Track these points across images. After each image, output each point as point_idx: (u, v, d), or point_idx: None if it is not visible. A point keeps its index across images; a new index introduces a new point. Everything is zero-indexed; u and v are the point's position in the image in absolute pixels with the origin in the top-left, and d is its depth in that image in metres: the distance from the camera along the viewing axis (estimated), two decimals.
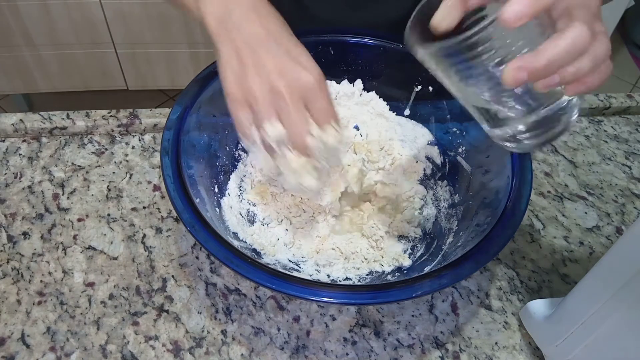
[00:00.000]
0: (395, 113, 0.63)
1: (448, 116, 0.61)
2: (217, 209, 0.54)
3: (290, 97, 0.41)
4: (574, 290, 0.44)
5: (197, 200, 0.47)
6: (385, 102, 0.63)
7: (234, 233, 0.53)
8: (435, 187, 0.60)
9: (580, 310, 0.43)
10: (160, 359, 0.48)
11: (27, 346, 0.49)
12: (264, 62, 0.41)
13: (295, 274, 0.51)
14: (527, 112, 0.39)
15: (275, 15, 0.45)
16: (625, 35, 2.42)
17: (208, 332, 0.50)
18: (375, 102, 0.62)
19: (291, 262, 0.54)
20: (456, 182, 0.59)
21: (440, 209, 0.58)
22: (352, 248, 0.55)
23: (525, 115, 0.40)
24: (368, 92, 0.62)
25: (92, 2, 1.49)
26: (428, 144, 0.62)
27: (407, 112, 0.63)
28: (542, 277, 0.57)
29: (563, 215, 0.63)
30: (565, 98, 0.39)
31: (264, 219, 0.57)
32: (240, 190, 0.58)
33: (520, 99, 0.39)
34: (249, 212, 0.57)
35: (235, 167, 0.59)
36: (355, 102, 0.63)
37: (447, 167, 0.61)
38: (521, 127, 0.40)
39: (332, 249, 0.55)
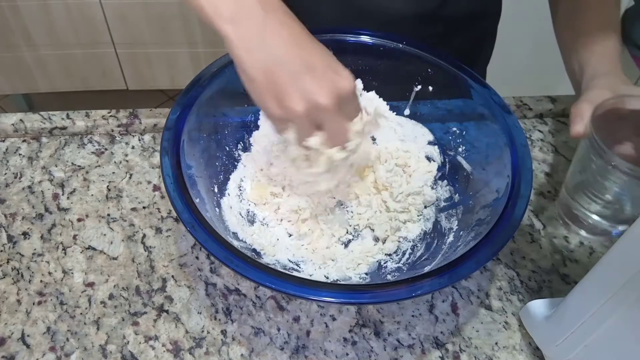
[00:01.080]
0: (395, 113, 0.63)
1: (448, 116, 0.61)
2: (217, 209, 0.54)
3: (332, 109, 0.42)
4: (574, 290, 0.44)
5: (197, 200, 0.47)
6: (385, 102, 0.63)
7: (233, 233, 0.53)
8: (435, 186, 0.60)
9: (580, 310, 0.43)
10: (160, 359, 0.48)
11: (27, 346, 0.49)
12: (299, 79, 0.40)
13: (295, 273, 0.52)
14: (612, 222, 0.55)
15: (293, 17, 0.43)
16: (625, 35, 2.42)
17: (208, 332, 0.50)
18: (375, 102, 0.62)
19: (291, 262, 0.54)
20: (456, 182, 0.59)
21: (440, 209, 0.58)
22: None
23: (610, 221, 0.55)
24: (368, 92, 0.62)
25: (92, 2, 1.49)
26: (428, 143, 0.62)
27: (407, 112, 0.63)
28: (542, 277, 0.57)
29: None
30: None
31: (263, 219, 0.57)
32: (240, 190, 0.58)
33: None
34: (248, 212, 0.57)
35: (235, 167, 0.59)
36: None
37: (447, 166, 0.61)
38: (596, 220, 0.56)
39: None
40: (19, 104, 1.87)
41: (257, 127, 0.61)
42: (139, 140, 0.67)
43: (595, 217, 0.55)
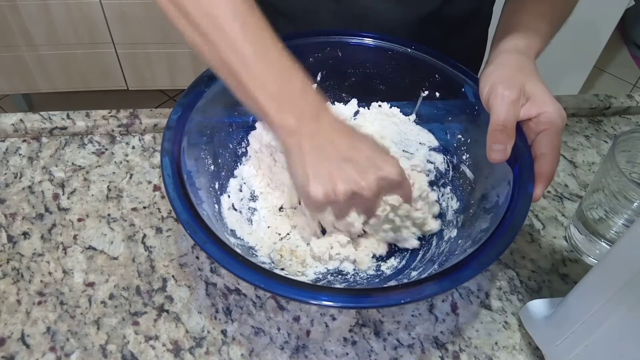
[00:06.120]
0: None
1: (453, 122, 0.61)
2: (216, 206, 0.54)
3: (371, 195, 0.46)
4: (574, 290, 0.45)
5: (197, 200, 0.47)
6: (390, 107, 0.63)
7: (231, 230, 0.53)
8: (438, 193, 0.60)
9: (580, 310, 0.43)
10: (160, 359, 0.48)
11: (27, 346, 0.49)
12: (343, 169, 0.45)
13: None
14: None
15: (340, 120, 0.48)
16: (625, 35, 2.42)
17: (208, 332, 0.50)
18: (384, 107, 0.62)
19: None
20: (458, 189, 0.59)
21: (442, 216, 0.58)
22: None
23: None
24: (374, 96, 0.62)
25: (92, 2, 1.49)
26: (431, 149, 0.62)
27: (413, 117, 0.63)
28: (542, 277, 0.57)
29: (563, 215, 0.63)
30: None
31: (263, 217, 0.57)
32: (241, 190, 0.58)
33: None
34: (249, 209, 0.57)
35: (235, 167, 0.59)
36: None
37: (451, 173, 0.60)
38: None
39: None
40: (19, 104, 1.87)
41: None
42: (140, 140, 0.67)
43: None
